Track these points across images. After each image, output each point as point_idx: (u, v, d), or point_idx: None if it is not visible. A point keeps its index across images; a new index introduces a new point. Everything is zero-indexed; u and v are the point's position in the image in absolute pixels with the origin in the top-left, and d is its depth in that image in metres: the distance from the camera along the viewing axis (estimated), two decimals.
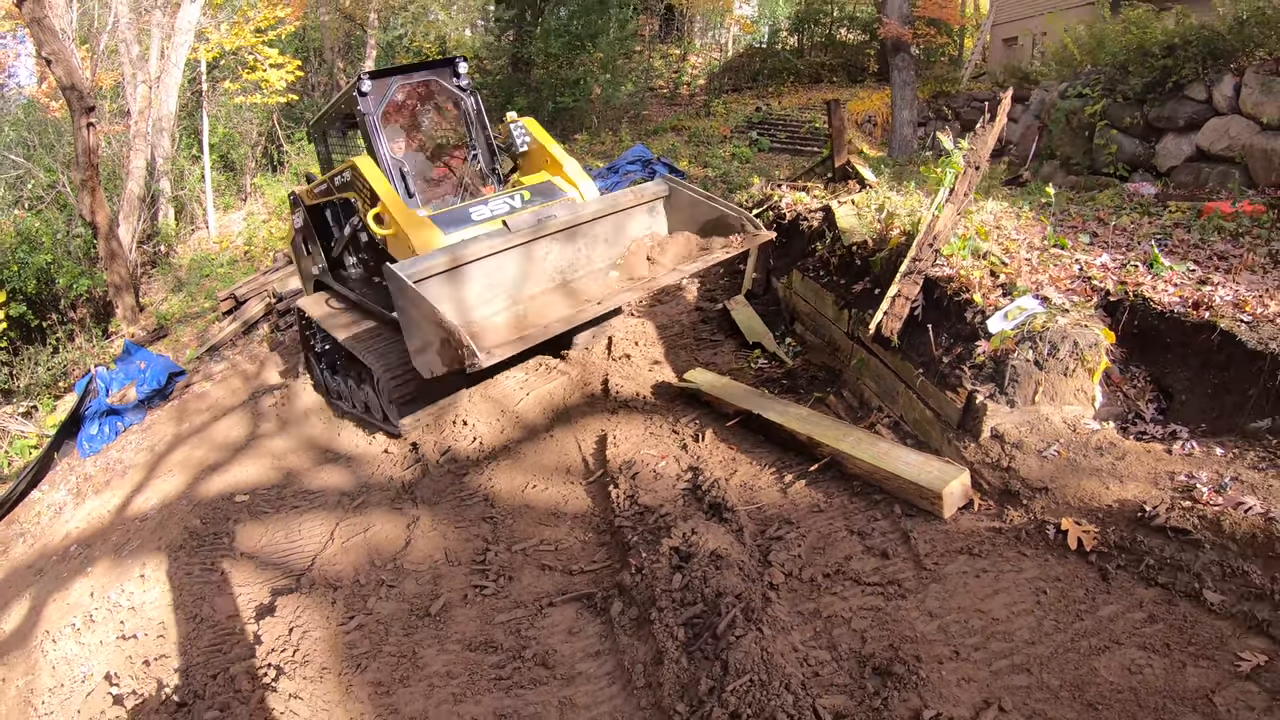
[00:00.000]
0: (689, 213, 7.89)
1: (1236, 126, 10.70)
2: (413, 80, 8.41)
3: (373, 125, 7.90)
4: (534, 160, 8.64)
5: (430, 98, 8.74)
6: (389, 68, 8.76)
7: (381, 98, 8.01)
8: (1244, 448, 4.77)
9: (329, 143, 9.26)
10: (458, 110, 8.75)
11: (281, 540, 6.89)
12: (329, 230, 9.25)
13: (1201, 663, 3.69)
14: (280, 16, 20.94)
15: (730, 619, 4.19)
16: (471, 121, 8.63)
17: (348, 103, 8.26)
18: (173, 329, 14.94)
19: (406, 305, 5.97)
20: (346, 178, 8.03)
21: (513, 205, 7.72)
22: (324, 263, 9.13)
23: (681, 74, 31.34)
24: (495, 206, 7.67)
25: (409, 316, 6.01)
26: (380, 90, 8.01)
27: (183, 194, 21.58)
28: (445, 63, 8.55)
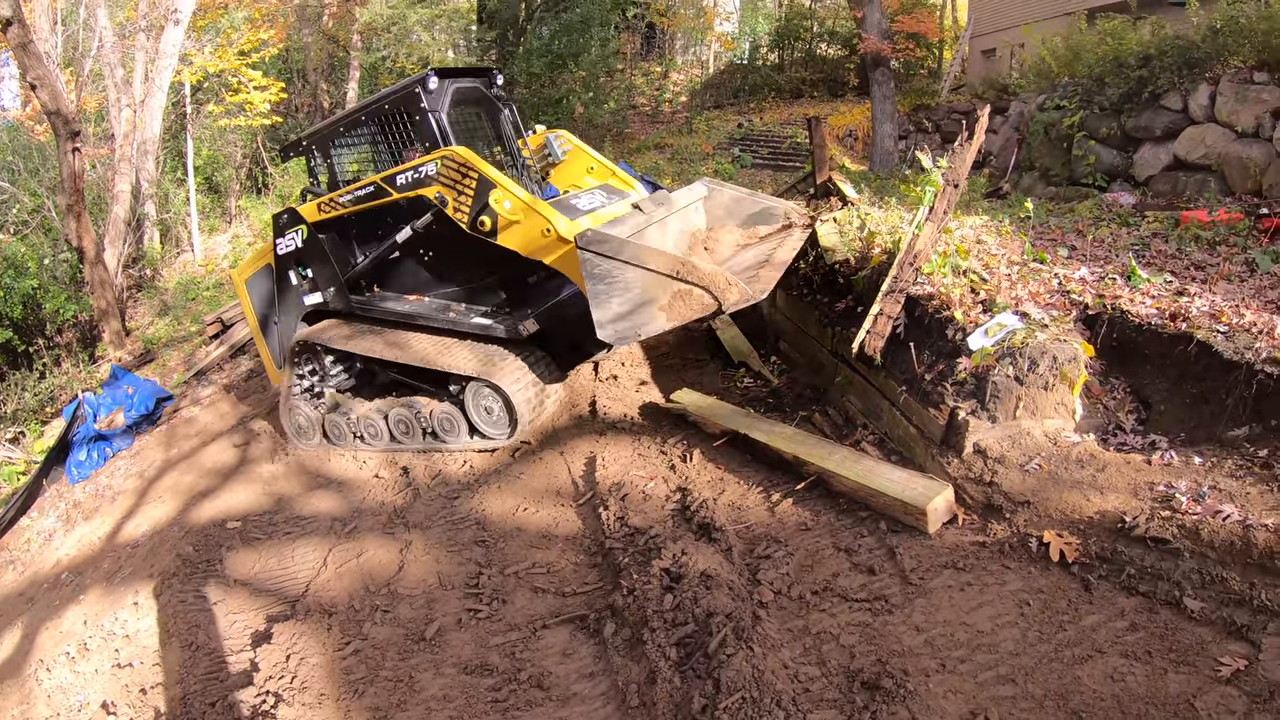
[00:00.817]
0: (727, 209, 8.45)
1: (1212, 135, 10.85)
2: (464, 84, 8.15)
3: (440, 124, 7.61)
4: (569, 169, 8.77)
5: (469, 104, 8.48)
6: (451, 68, 8.52)
7: (442, 98, 7.71)
8: (1222, 456, 4.88)
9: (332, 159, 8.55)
10: (492, 119, 8.67)
11: (275, 566, 6.91)
12: (341, 251, 8.43)
13: (1182, 669, 3.78)
14: (264, 39, 20.97)
15: (721, 638, 4.26)
16: (509, 131, 8.59)
17: (400, 102, 7.76)
18: (159, 353, 14.89)
19: (611, 268, 6.03)
20: (426, 172, 7.37)
21: (602, 200, 7.88)
22: (335, 286, 8.38)
23: (663, 91, 31.46)
24: (590, 201, 7.80)
25: (614, 279, 6.05)
26: (443, 89, 7.72)
27: (168, 217, 21.53)
28: (484, 71, 8.52)
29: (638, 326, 6.13)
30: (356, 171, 8.66)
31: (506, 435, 7.66)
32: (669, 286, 5.97)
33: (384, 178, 7.70)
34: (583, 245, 6.11)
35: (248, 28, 21.26)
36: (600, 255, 6.04)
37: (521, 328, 7.52)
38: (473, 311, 7.90)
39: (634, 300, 6.08)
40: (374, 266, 8.26)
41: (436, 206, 7.39)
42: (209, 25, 21.29)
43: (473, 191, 7.12)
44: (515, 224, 7.00)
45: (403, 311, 8.16)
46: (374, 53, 27.50)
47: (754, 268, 6.90)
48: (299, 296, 8.66)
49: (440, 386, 7.97)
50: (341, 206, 8.07)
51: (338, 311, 8.54)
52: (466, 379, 7.61)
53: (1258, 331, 5.47)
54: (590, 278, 6.12)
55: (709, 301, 5.91)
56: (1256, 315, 5.74)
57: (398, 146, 7.96)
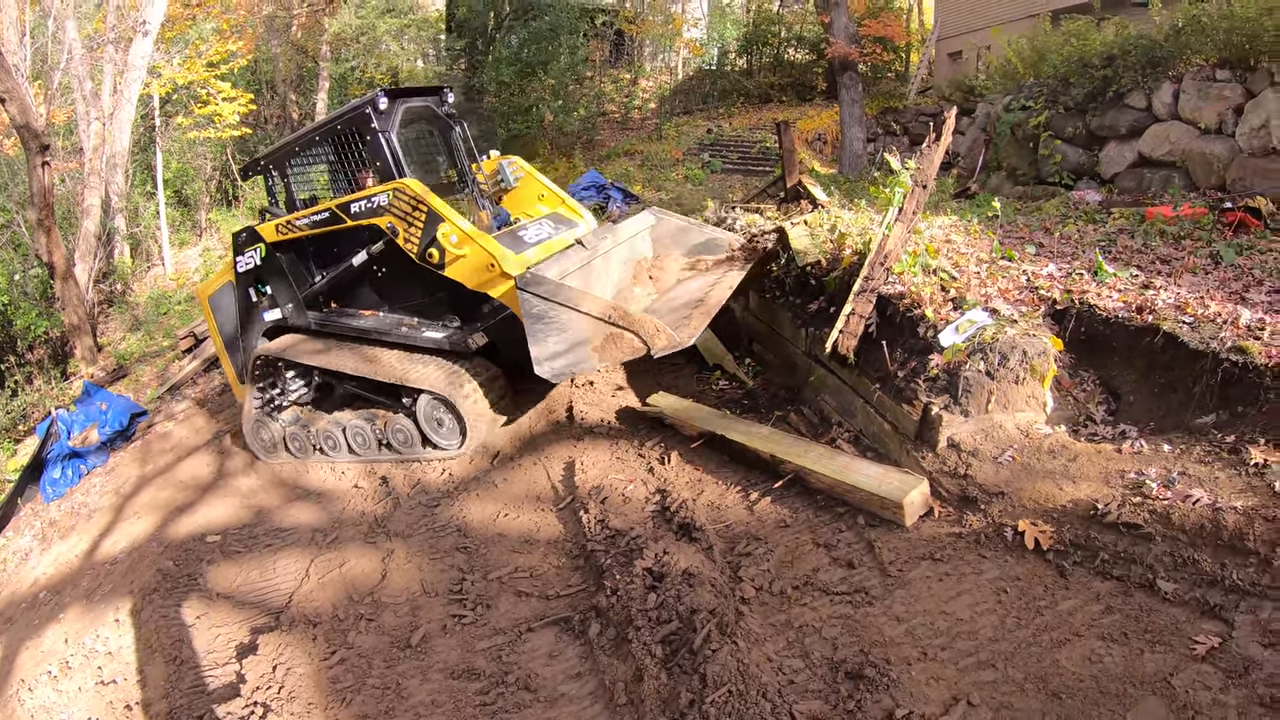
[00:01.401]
0: (673, 237, 8.87)
1: (1176, 132, 11.05)
2: (414, 103, 8.35)
3: (390, 144, 7.77)
4: (520, 195, 9.07)
5: (421, 122, 8.71)
6: (401, 88, 8.72)
7: (392, 118, 7.87)
8: (1190, 443, 5.00)
9: (288, 178, 8.73)
10: (445, 139, 8.89)
11: (257, 579, 6.89)
12: (299, 269, 8.67)
13: (1158, 648, 3.89)
14: (232, 50, 20.87)
15: (706, 634, 4.32)
16: (460, 148, 8.82)
17: (351, 123, 7.93)
18: (132, 369, 14.76)
19: (548, 309, 6.37)
20: (378, 202, 7.65)
21: (549, 231, 8.19)
22: (293, 303, 8.61)
23: (632, 98, 31.51)
24: (537, 232, 8.08)
25: (550, 320, 6.38)
26: (393, 109, 7.90)
27: (138, 231, 21.33)
28: (435, 90, 8.71)
29: (572, 365, 6.45)
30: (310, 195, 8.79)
31: (458, 446, 7.85)
32: (601, 329, 6.30)
33: (339, 205, 7.92)
34: (522, 286, 6.43)
35: (216, 39, 21.13)
36: (538, 296, 6.38)
37: (470, 342, 7.74)
38: (424, 326, 8.12)
39: (569, 340, 6.40)
40: (330, 285, 8.49)
41: (388, 236, 7.65)
42: (177, 37, 21.13)
43: (422, 224, 7.43)
44: (462, 258, 7.34)
45: (357, 327, 8.39)
46: (343, 63, 27.41)
47: (687, 308, 7.14)
48: (259, 313, 8.88)
49: (394, 399, 8.19)
50: (298, 229, 8.28)
51: (296, 327, 8.74)
52: (418, 392, 7.82)
53: (1222, 321, 5.60)
54: (528, 317, 6.45)
55: (638, 346, 6.21)
56: (1221, 305, 5.88)
57: (351, 166, 8.12)
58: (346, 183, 8.25)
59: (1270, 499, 4.21)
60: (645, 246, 8.92)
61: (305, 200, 8.65)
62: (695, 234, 8.83)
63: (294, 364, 8.65)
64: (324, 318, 8.58)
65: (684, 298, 7.61)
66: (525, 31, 23.88)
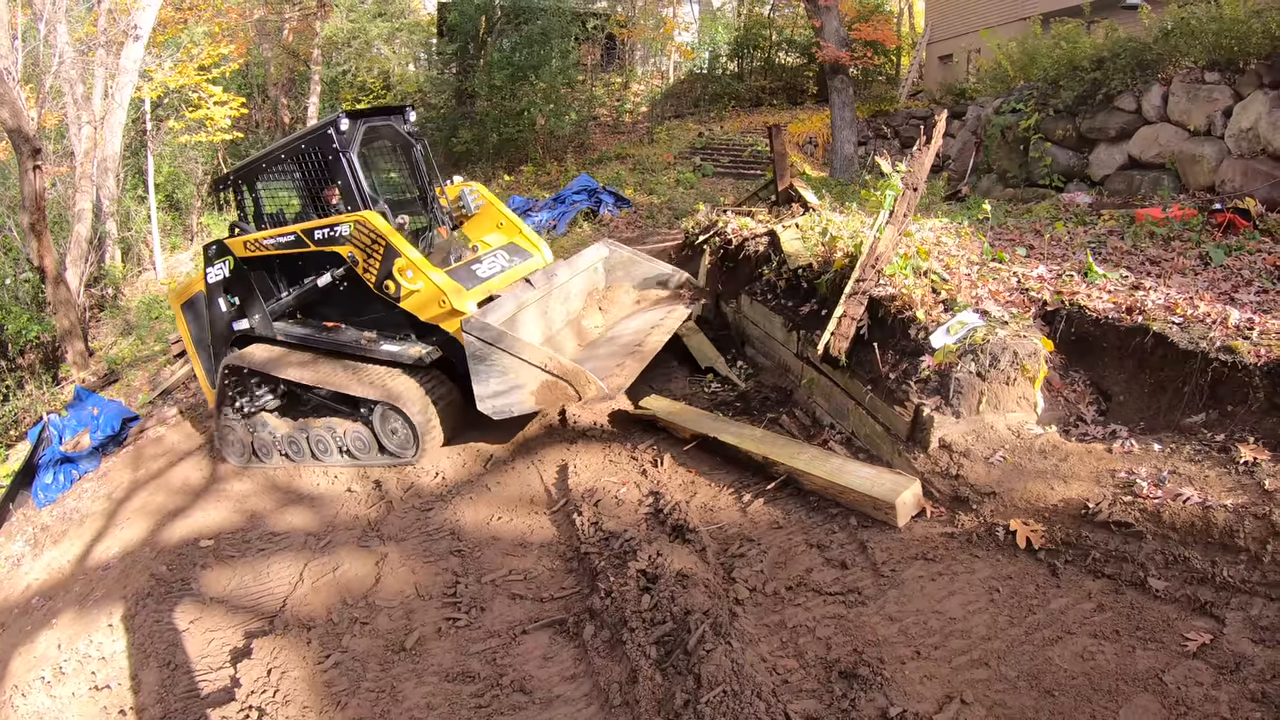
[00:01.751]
0: (625, 269, 9.62)
1: (1166, 134, 11.14)
2: (376, 123, 8.60)
3: (350, 164, 8.01)
4: (481, 221, 9.44)
5: (384, 140, 8.97)
6: (361, 109, 8.99)
7: (353, 139, 8.11)
8: (1180, 442, 5.04)
9: (257, 194, 9.02)
10: (407, 155, 9.19)
11: (251, 583, 6.87)
12: (266, 283, 8.95)
13: (1150, 645, 3.93)
14: (224, 54, 20.87)
15: (700, 634, 4.33)
16: (421, 166, 9.12)
17: (314, 143, 8.18)
18: (124, 373, 14.69)
19: (489, 352, 6.88)
20: (340, 232, 7.96)
21: (503, 264, 8.59)
22: (260, 314, 8.84)
23: (624, 102, 31.55)
24: (490, 266, 8.51)
25: (492, 362, 6.91)
26: (354, 131, 8.14)
27: (129, 235, 21.30)
28: (397, 109, 8.96)
29: (510, 405, 7.00)
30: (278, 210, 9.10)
31: (413, 454, 8.04)
32: (538, 376, 6.79)
33: (304, 230, 8.23)
34: (466, 330, 6.91)
35: (208, 43, 21.11)
36: (481, 340, 6.86)
37: (425, 355, 7.94)
38: (383, 339, 8.32)
39: (509, 383, 6.93)
40: (296, 300, 8.78)
41: (348, 265, 7.98)
42: (169, 41, 21.11)
43: (380, 257, 7.77)
44: (415, 292, 7.70)
45: (320, 339, 8.64)
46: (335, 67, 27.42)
47: (623, 354, 7.73)
48: (229, 322, 9.10)
49: (354, 408, 8.42)
50: (265, 249, 8.57)
51: (264, 337, 8.98)
52: (374, 402, 8.04)
53: (1211, 322, 5.64)
54: (472, 358, 6.96)
55: (571, 394, 6.73)
56: (1210, 306, 5.93)
57: (315, 184, 8.38)
58: (312, 199, 8.53)
59: (1260, 497, 4.25)
60: (598, 277, 9.57)
61: (273, 214, 8.97)
62: (646, 267, 9.58)
63: (260, 373, 8.90)
64: (289, 329, 8.84)
65: (625, 338, 8.29)
66: (517, 36, 23.89)
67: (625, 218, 18.27)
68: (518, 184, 22.88)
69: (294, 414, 9.15)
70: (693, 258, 11.66)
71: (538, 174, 23.50)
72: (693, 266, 11.30)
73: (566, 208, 18.12)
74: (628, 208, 18.77)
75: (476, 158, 24.28)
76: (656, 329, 8.29)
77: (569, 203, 18.29)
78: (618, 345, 8.15)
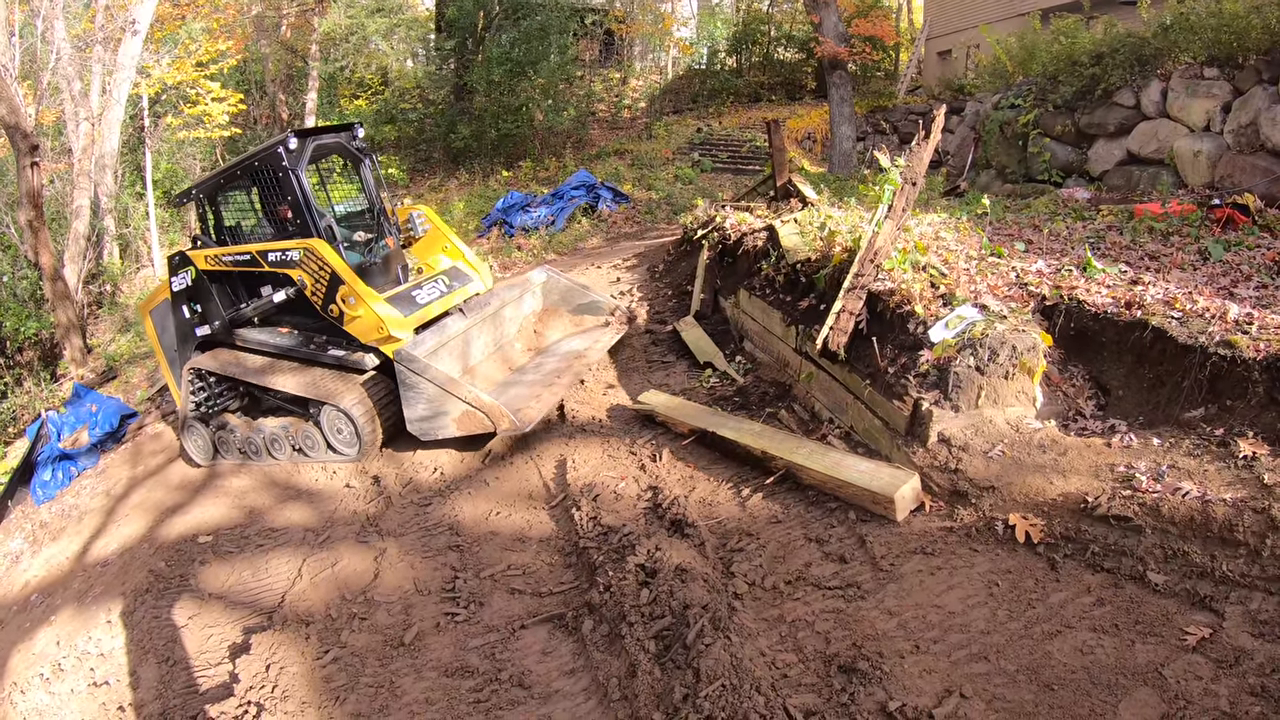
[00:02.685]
0: (562, 295, 10.34)
1: (1165, 130, 11.13)
2: (325, 140, 9.05)
3: (299, 183, 8.41)
4: (428, 243, 10.14)
5: (334, 155, 9.53)
6: (309, 128, 9.42)
7: (301, 156, 8.48)
8: (1179, 437, 5.04)
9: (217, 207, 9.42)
10: (357, 171, 9.64)
11: (249, 579, 6.87)
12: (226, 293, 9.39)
13: (1149, 639, 3.93)
14: (222, 50, 20.83)
15: (699, 629, 4.33)
16: (369, 181, 9.57)
17: (265, 160, 8.54)
18: (122, 370, 14.69)
19: (418, 381, 7.61)
20: (291, 257, 8.43)
21: (442, 290, 9.22)
22: (219, 321, 9.27)
23: (622, 98, 31.51)
24: (430, 291, 9.09)
25: (419, 390, 7.64)
26: (303, 149, 8.53)
27: (127, 232, 21.23)
28: (345, 127, 9.39)
29: (435, 429, 7.72)
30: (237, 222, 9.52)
31: (356, 452, 8.43)
32: (459, 406, 7.50)
33: (258, 251, 8.74)
34: (397, 360, 7.67)
35: (206, 39, 21.06)
36: (410, 370, 7.60)
37: (367, 360, 8.46)
38: (330, 345, 8.84)
39: (433, 409, 7.67)
40: (254, 310, 9.20)
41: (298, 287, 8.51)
42: (167, 37, 21.05)
43: (326, 284, 8.26)
44: (358, 317, 8.20)
45: (274, 344, 9.15)
46: (333, 63, 27.35)
47: (541, 386, 8.28)
48: (192, 328, 9.58)
49: (304, 409, 8.81)
50: (224, 264, 9.07)
51: (224, 342, 9.46)
52: (320, 403, 8.44)
53: (1211, 316, 5.63)
54: (402, 385, 7.74)
55: (487, 425, 7.39)
56: (1209, 301, 5.92)
57: (268, 199, 8.83)
58: (268, 214, 9.02)
59: (1259, 491, 4.25)
60: (535, 302, 10.28)
61: (232, 227, 9.42)
62: (580, 295, 10.27)
63: (219, 375, 9.38)
64: (247, 335, 9.31)
65: (550, 364, 8.95)
66: (515, 31, 23.85)
67: (624, 213, 18.30)
68: (516, 180, 22.88)
69: (254, 414, 9.53)
70: (691, 253, 11.67)
71: (536, 170, 23.49)
72: (691, 262, 11.32)
73: (565, 203, 18.13)
74: (626, 203, 18.79)
75: (475, 153, 24.25)
76: (580, 358, 8.88)
77: (567, 198, 18.30)
78: (542, 373, 8.76)
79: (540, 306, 10.34)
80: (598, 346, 9.16)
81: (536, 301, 10.30)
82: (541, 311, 10.31)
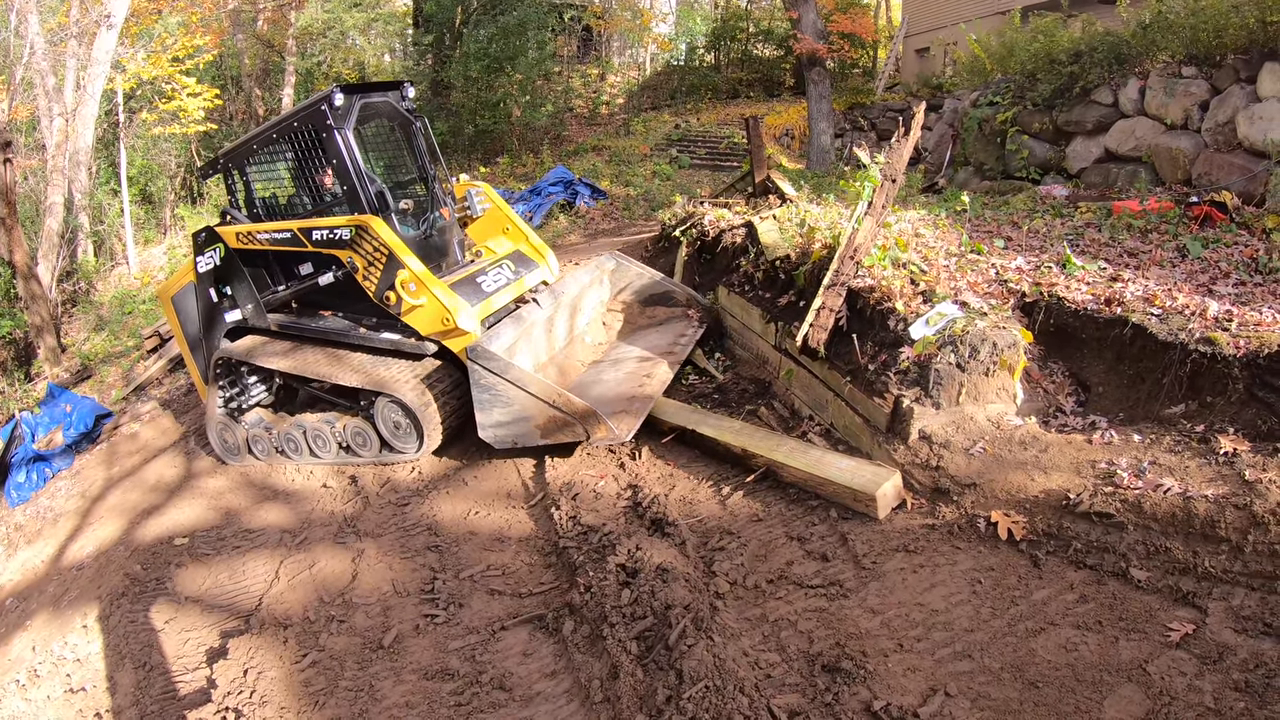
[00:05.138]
0: (631, 283, 9.40)
1: (1142, 128, 11.18)
2: (373, 99, 8.16)
3: (346, 142, 7.61)
4: (484, 226, 9.20)
5: (379, 120, 8.49)
6: (356, 84, 8.61)
7: (349, 115, 7.67)
8: (1160, 433, 5.05)
9: (248, 177, 8.54)
10: (406, 135, 8.69)
11: (226, 581, 6.78)
12: (261, 274, 8.54)
13: (1133, 636, 3.93)
14: (199, 45, 20.58)
15: (681, 629, 4.30)
16: (421, 146, 8.64)
17: (308, 120, 7.70)
18: (97, 369, 14.51)
19: (495, 382, 6.77)
20: (340, 235, 7.54)
21: (508, 276, 8.35)
22: (253, 303, 8.41)
23: (600, 94, 31.53)
24: (496, 278, 8.21)
25: (497, 392, 6.80)
26: (350, 106, 7.70)
27: (102, 229, 21.01)
28: (394, 85, 8.49)
29: (515, 437, 6.95)
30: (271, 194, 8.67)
31: (416, 449, 7.74)
32: (545, 411, 6.69)
33: (301, 229, 7.80)
34: (471, 358, 6.80)
35: (182, 33, 20.81)
36: (486, 370, 6.76)
37: (427, 345, 7.65)
38: (383, 327, 7.98)
39: (513, 414, 6.85)
40: (291, 293, 8.41)
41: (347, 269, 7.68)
42: (142, 32, 20.80)
43: (382, 266, 7.39)
44: (418, 307, 7.34)
45: (317, 328, 8.28)
46: (309, 58, 27.14)
47: (632, 390, 7.47)
48: (220, 314, 8.65)
49: (353, 401, 8.06)
50: (259, 242, 8.16)
51: (257, 328, 8.58)
52: (375, 394, 7.71)
53: (1190, 313, 5.66)
54: (476, 386, 6.86)
55: (580, 432, 6.66)
56: (1189, 298, 5.95)
57: (310, 165, 7.97)
58: (306, 183, 8.13)
59: (1240, 487, 4.26)
60: (604, 291, 9.40)
61: (265, 199, 8.52)
62: (651, 282, 9.39)
63: (254, 365, 8.52)
64: (284, 320, 8.48)
65: (630, 364, 8.10)
66: (494, 26, 23.78)
67: (601, 209, 18.27)
68: (494, 176, 22.78)
69: (290, 409, 8.85)
70: (669, 249, 11.62)
71: (514, 165, 23.41)
72: (669, 258, 11.27)
73: (542, 199, 18.06)
74: (604, 199, 18.76)
75: (452, 149, 24.14)
76: (669, 354, 8.14)
77: (545, 194, 18.24)
78: (624, 371, 7.96)
79: (608, 296, 9.48)
80: (682, 342, 8.41)
81: (605, 291, 9.43)
82: (610, 301, 9.48)
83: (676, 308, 9.23)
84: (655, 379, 7.60)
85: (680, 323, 8.94)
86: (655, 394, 7.34)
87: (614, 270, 9.46)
